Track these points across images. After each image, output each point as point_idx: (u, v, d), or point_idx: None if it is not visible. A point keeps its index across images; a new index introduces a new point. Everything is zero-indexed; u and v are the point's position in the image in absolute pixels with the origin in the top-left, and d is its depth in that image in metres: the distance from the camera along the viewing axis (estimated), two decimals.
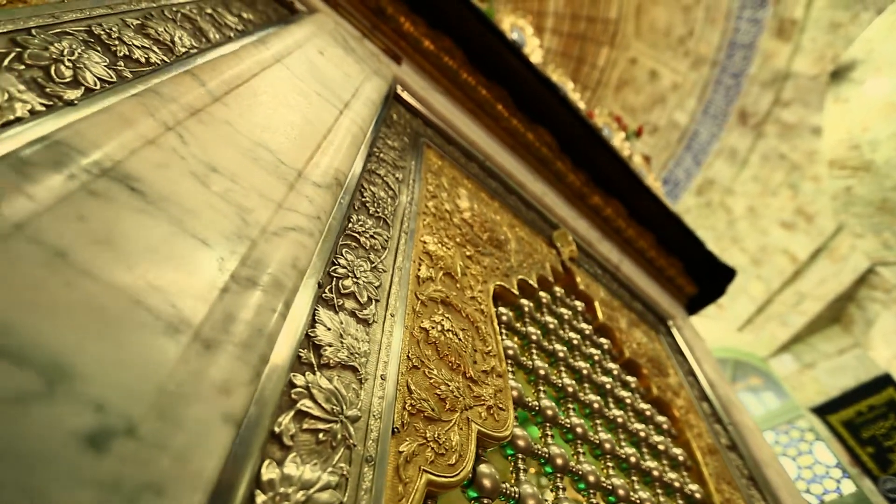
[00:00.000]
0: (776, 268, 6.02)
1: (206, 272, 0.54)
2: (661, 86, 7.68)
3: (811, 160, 5.51)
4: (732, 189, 6.58)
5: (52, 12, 0.74)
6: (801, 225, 5.70)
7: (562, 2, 8.35)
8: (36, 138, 0.52)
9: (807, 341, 5.78)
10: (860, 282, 5.11)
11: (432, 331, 0.93)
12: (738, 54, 6.29)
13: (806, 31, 5.33)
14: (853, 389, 5.11)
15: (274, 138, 0.80)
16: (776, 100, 5.84)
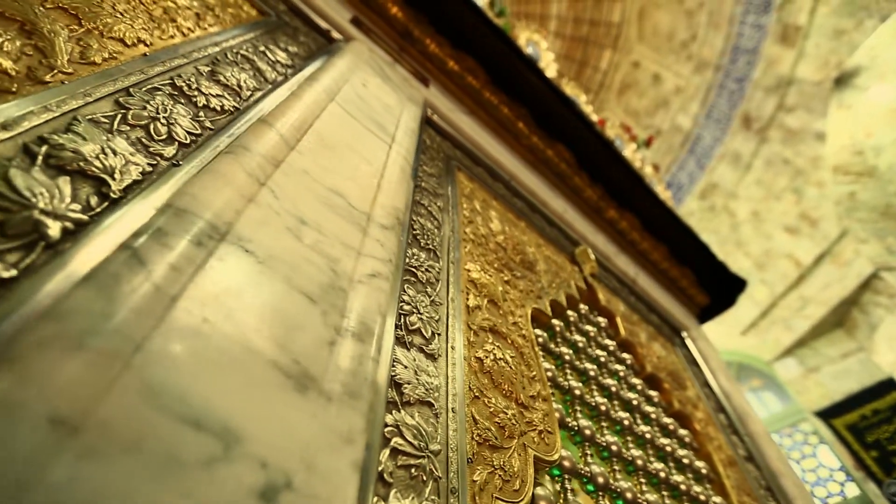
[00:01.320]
0: (780, 272, 6.11)
1: (316, 328, 0.59)
2: (664, 89, 7.77)
3: (815, 165, 5.60)
4: (736, 193, 6.67)
5: (141, 68, 0.79)
6: (805, 230, 5.79)
7: (565, 5, 8.42)
8: (162, 204, 0.58)
9: (811, 345, 5.87)
10: (864, 286, 5.21)
11: (486, 360, 0.99)
12: (742, 59, 6.38)
13: (810, 37, 5.42)
14: (857, 393, 5.21)
15: (343, 183, 0.86)
16: (780, 105, 5.93)
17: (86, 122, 0.63)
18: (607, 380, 1.52)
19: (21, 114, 0.57)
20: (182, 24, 0.98)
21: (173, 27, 0.95)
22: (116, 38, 0.80)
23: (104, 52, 0.76)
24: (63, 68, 0.68)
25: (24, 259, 0.47)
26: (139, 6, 0.91)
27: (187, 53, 0.91)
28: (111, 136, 0.64)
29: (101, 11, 0.81)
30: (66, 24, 0.74)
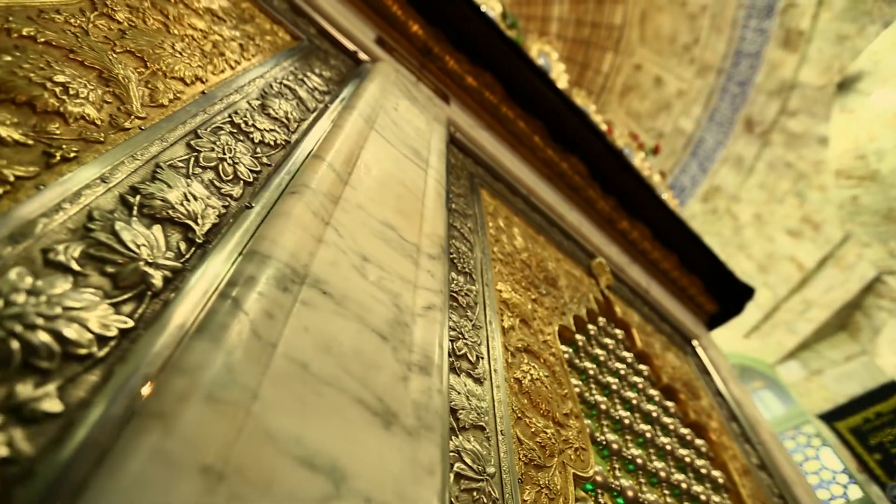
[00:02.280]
0: (783, 275, 6.19)
1: (390, 365, 0.64)
2: (667, 92, 7.84)
3: (818, 169, 5.67)
4: (738, 196, 6.74)
5: (203, 107, 0.83)
6: (808, 233, 5.87)
7: (566, 7, 8.48)
8: (247, 250, 0.62)
9: (814, 348, 5.95)
10: (867, 290, 5.28)
11: (524, 380, 1.04)
12: (744, 63, 6.45)
13: (812, 41, 5.49)
14: (860, 396, 5.28)
15: (393, 216, 0.90)
16: (783, 109, 6.00)
17: (167, 168, 0.67)
18: (628, 393, 1.57)
19: (114, 164, 0.62)
20: (230, 56, 1.02)
21: (223, 61, 0.99)
22: (177, 78, 0.85)
23: (169, 93, 0.81)
24: (138, 113, 0.73)
25: (137, 309, 0.51)
26: (192, 43, 0.95)
27: (239, 88, 0.95)
28: (189, 180, 0.69)
29: (163, 52, 0.86)
30: (134, 68, 0.79)
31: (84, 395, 0.42)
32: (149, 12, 0.92)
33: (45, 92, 0.62)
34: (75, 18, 0.76)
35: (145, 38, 0.84)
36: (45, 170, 0.56)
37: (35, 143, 0.57)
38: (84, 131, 0.63)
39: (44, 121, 0.60)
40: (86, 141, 0.62)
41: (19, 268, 0.46)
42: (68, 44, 0.71)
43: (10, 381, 0.39)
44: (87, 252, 0.51)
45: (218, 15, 1.10)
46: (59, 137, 0.60)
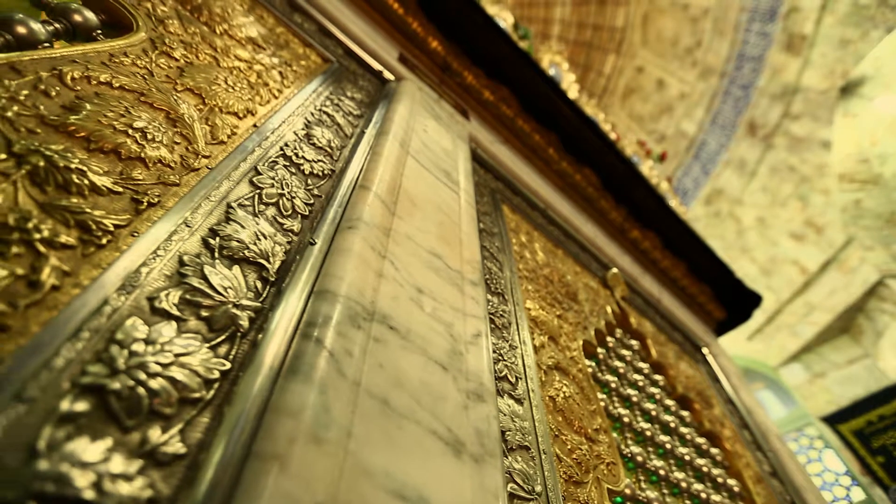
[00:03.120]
0: (786, 278, 6.25)
1: (453, 395, 0.68)
2: (669, 95, 7.90)
3: (821, 173, 5.74)
4: (741, 199, 6.80)
5: (258, 141, 0.87)
6: (811, 236, 5.94)
7: (568, 10, 8.53)
8: (319, 289, 0.66)
9: (816, 351, 6.02)
10: (870, 293, 5.36)
11: (558, 398, 1.08)
12: (747, 66, 6.51)
13: (815, 46, 5.55)
14: (863, 399, 5.35)
15: (437, 243, 0.95)
16: (785, 112, 6.07)
17: (237, 207, 0.71)
18: (647, 404, 1.62)
19: (194, 208, 0.66)
20: (272, 85, 1.06)
21: (267, 91, 1.03)
22: (232, 113, 0.89)
23: (226, 129, 0.85)
24: (203, 152, 0.77)
25: (231, 351, 0.55)
26: (240, 75, 1.00)
27: (286, 119, 0.99)
28: (257, 218, 0.73)
29: (218, 88, 0.90)
30: (195, 105, 0.83)
31: (201, 436, 0.47)
32: (200, 46, 0.96)
33: (127, 139, 0.66)
34: (140, 59, 0.80)
35: (201, 75, 0.89)
36: (135, 216, 0.60)
37: (124, 190, 0.61)
38: (162, 174, 0.67)
39: (128, 167, 0.64)
40: (165, 184, 0.66)
41: (133, 318, 0.50)
42: (139, 87, 0.75)
43: (143, 427, 0.44)
44: (185, 297, 0.55)
45: (258, 43, 1.14)
46: (142, 183, 0.64)
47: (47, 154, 0.56)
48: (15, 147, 0.54)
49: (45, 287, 0.47)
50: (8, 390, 0.39)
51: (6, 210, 0.49)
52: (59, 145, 0.59)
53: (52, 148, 0.57)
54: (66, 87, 0.66)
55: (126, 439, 0.42)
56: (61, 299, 0.47)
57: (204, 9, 1.05)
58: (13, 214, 0.49)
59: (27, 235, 0.49)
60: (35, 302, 0.45)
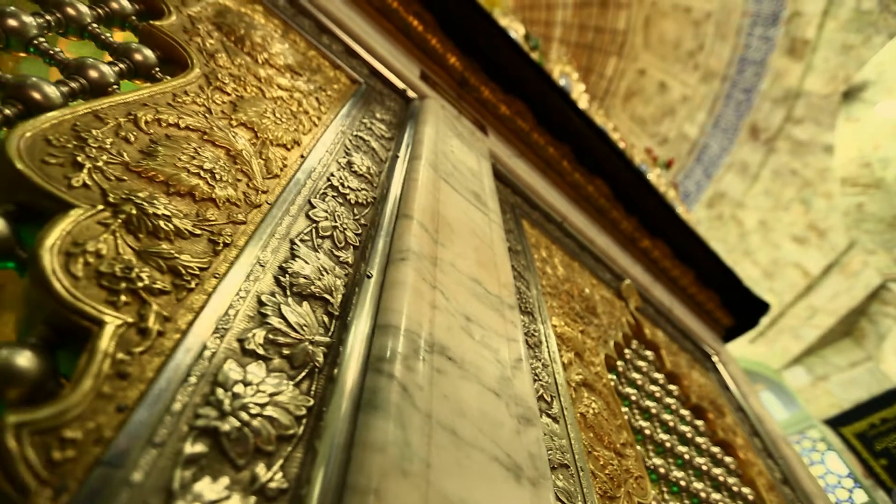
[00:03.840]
0: (788, 281, 6.33)
1: (507, 421, 0.73)
2: (671, 98, 7.97)
3: (823, 177, 5.81)
4: (744, 203, 6.88)
5: (308, 173, 0.92)
6: (814, 240, 6.01)
7: (570, 12, 8.59)
8: (383, 323, 0.71)
9: (819, 354, 6.10)
10: (872, 297, 5.43)
11: (588, 414, 1.13)
12: (749, 70, 6.58)
13: (818, 51, 5.63)
14: (866, 402, 5.43)
15: (477, 269, 0.99)
16: (788, 117, 6.14)
17: (300, 243, 0.76)
18: (665, 415, 1.67)
19: (263, 246, 0.70)
20: (312, 113, 1.11)
21: (307, 119, 1.08)
22: (281, 145, 0.93)
23: (278, 162, 0.89)
24: (262, 187, 0.81)
25: (311, 387, 0.60)
26: (283, 104, 1.04)
27: (328, 148, 1.03)
28: (317, 253, 0.77)
29: (267, 121, 0.94)
30: (249, 140, 0.87)
31: (298, 471, 0.51)
32: (247, 78, 1.00)
33: (199, 181, 0.70)
34: (199, 97, 0.85)
35: (252, 109, 0.93)
36: (214, 257, 0.64)
37: (202, 232, 0.65)
38: (231, 213, 0.71)
39: (202, 208, 0.68)
40: (234, 223, 0.71)
41: (229, 360, 0.54)
42: (201, 125, 0.79)
43: (251, 465, 0.48)
44: (268, 337, 0.59)
45: (295, 70, 1.18)
46: (215, 223, 0.68)
47: (137, 202, 0.60)
48: (110, 197, 0.59)
49: (153, 334, 0.51)
50: (143, 436, 0.43)
51: (111, 260, 0.53)
52: (144, 192, 0.63)
53: (139, 195, 0.61)
54: (142, 131, 0.70)
55: (239, 477, 0.46)
56: (167, 345, 0.51)
57: (246, 39, 1.09)
58: (118, 264, 0.53)
59: (132, 284, 0.53)
60: (147, 349, 0.50)
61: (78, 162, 0.59)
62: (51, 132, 0.60)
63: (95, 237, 0.54)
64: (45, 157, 0.57)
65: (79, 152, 0.60)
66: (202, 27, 1.01)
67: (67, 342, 0.49)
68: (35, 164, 0.55)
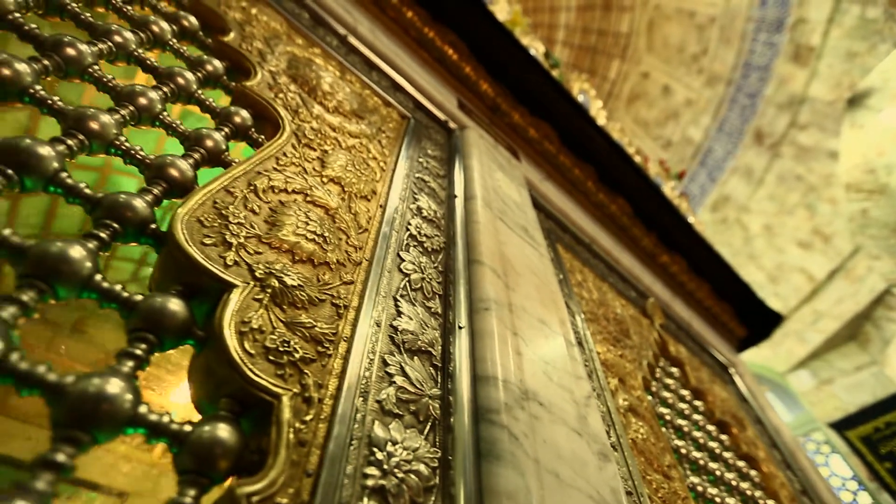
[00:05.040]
0: (793, 286, 6.46)
1: (590, 458, 0.81)
2: (675, 101, 8.08)
3: (828, 183, 5.94)
4: (748, 207, 7.01)
5: (390, 222, 1.00)
6: (818, 245, 6.14)
7: (573, 15, 8.69)
8: (477, 374, 0.79)
9: (824, 358, 6.24)
10: (877, 302, 5.57)
11: (637, 440, 1.22)
12: (754, 75, 6.71)
13: (823, 57, 5.75)
14: (871, 406, 5.57)
15: (541, 309, 1.08)
16: (792, 122, 6.27)
17: (401, 299, 0.84)
18: (696, 432, 1.76)
19: (374, 306, 0.78)
20: (379, 158, 1.19)
21: (376, 164, 1.16)
22: (363, 197, 1.01)
23: (364, 214, 0.97)
24: (356, 243, 0.89)
25: (436, 438, 0.68)
26: (356, 153, 1.12)
27: (400, 195, 1.11)
28: (415, 307, 0.85)
29: (349, 174, 1.02)
30: (339, 195, 0.95)
31: None
32: (324, 129, 1.08)
33: (315, 246, 0.78)
34: (295, 156, 0.93)
35: (337, 163, 1.01)
36: (339, 321, 0.72)
37: (325, 297, 0.73)
38: (341, 274, 0.80)
39: (320, 273, 0.76)
40: (346, 283, 0.79)
41: (375, 421, 0.62)
42: (302, 186, 0.87)
43: None
44: (398, 396, 0.68)
45: (358, 113, 1.26)
46: (332, 286, 0.76)
47: (277, 275, 0.68)
48: (256, 272, 0.67)
49: (315, 401, 0.59)
50: (331, 498, 0.51)
51: (270, 334, 0.61)
52: (278, 263, 0.71)
53: (276, 268, 0.69)
54: (262, 200, 0.78)
55: None
56: (326, 410, 0.60)
57: (318, 88, 1.17)
58: (277, 338, 0.62)
59: (291, 357, 0.61)
60: (314, 416, 0.58)
61: (227, 240, 0.67)
62: (200, 213, 0.68)
63: (255, 313, 0.62)
64: (202, 238, 0.65)
65: (225, 230, 0.68)
66: (282, 81, 1.09)
67: (247, 412, 0.57)
68: (198, 247, 0.63)
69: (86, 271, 0.54)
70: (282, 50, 1.21)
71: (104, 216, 0.62)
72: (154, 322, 0.56)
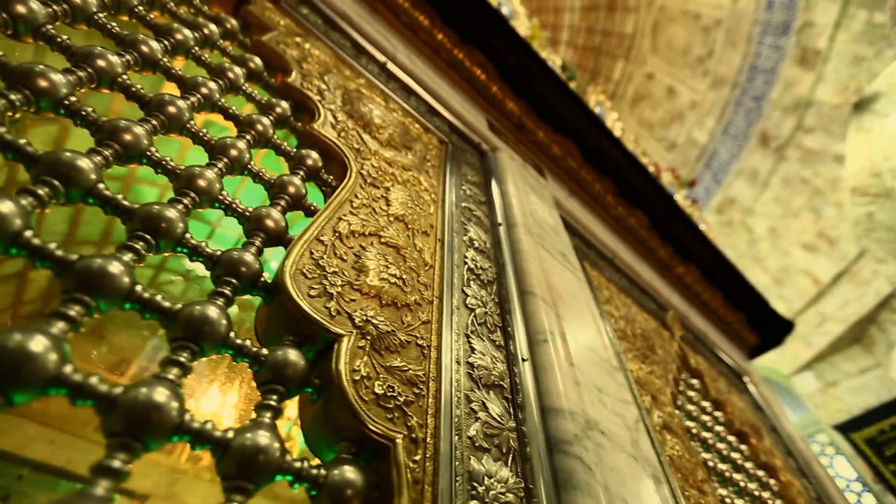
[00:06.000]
0: (798, 288, 6.57)
1: (647, 482, 0.89)
2: (680, 103, 8.17)
3: (834, 186, 6.04)
4: (753, 209, 7.11)
5: (448, 257, 1.07)
6: (824, 248, 6.25)
7: (577, 15, 8.76)
8: (544, 406, 0.86)
9: (829, 360, 6.35)
10: (882, 305, 5.68)
11: (674, 457, 1.30)
12: (760, 78, 6.80)
13: (829, 61, 5.84)
14: (875, 408, 5.69)
15: (588, 335, 1.15)
16: (798, 125, 6.36)
17: (472, 335, 0.91)
18: (719, 444, 1.84)
19: (450, 345, 0.85)
20: (430, 189, 1.25)
21: (429, 196, 1.23)
22: (423, 232, 1.08)
23: (426, 250, 1.04)
24: (425, 280, 0.96)
25: (518, 469, 0.75)
26: (412, 188, 1.18)
27: (456, 228, 1.18)
28: (483, 342, 0.93)
29: (409, 210, 1.09)
30: (404, 233, 1.02)
31: None
32: (381, 166, 1.15)
33: (397, 289, 0.85)
34: (364, 198, 0.99)
35: (398, 200, 1.08)
36: (424, 360, 0.79)
37: (410, 338, 0.81)
38: (418, 313, 0.87)
39: (403, 314, 0.84)
40: (424, 323, 0.86)
41: (470, 456, 0.70)
42: (376, 228, 0.94)
43: None
44: (483, 431, 0.75)
45: (406, 144, 1.33)
46: (413, 326, 0.83)
47: (373, 322, 0.75)
48: (356, 320, 0.74)
49: (420, 441, 0.66)
50: None
51: (376, 381, 0.69)
52: (370, 309, 0.78)
53: (369, 314, 0.76)
54: (345, 245, 0.85)
55: None
56: (430, 449, 0.67)
57: (371, 124, 1.23)
58: (380, 383, 0.69)
59: (396, 401, 0.68)
60: (421, 456, 0.65)
61: (328, 291, 0.74)
62: (302, 264, 0.74)
63: (361, 361, 0.69)
64: (309, 291, 0.72)
65: (324, 280, 0.75)
66: (340, 118, 1.16)
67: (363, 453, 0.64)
68: (307, 301, 0.70)
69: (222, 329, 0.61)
70: (335, 83, 1.27)
71: (224, 273, 0.68)
72: (280, 374, 0.63)
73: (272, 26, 1.25)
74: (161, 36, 0.95)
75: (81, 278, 0.53)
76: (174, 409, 0.49)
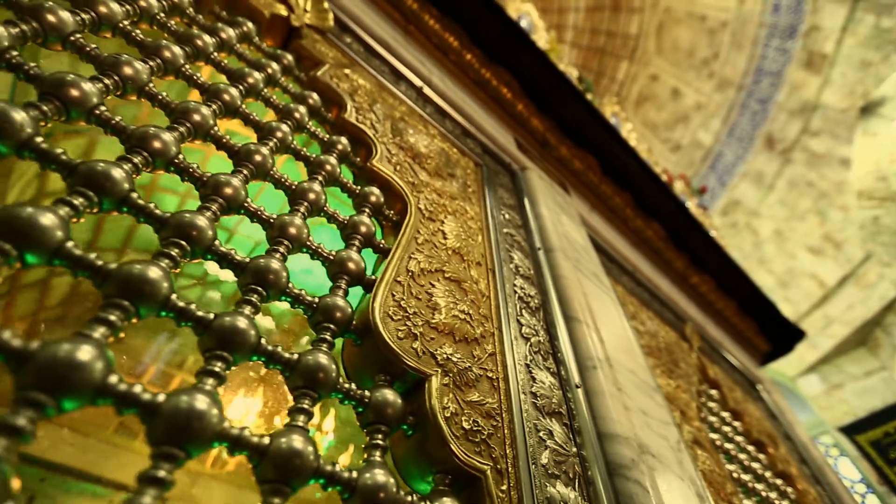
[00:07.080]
0: (803, 291, 6.68)
1: (695, 501, 0.97)
2: (684, 104, 8.26)
3: (840, 190, 6.15)
4: (759, 212, 7.21)
5: (500, 287, 1.14)
6: (829, 251, 6.36)
7: (582, 16, 8.82)
8: (600, 432, 0.94)
9: (834, 363, 6.47)
10: (887, 309, 5.79)
11: (705, 471, 1.38)
12: (765, 81, 6.89)
13: (836, 65, 5.94)
14: (880, 411, 5.81)
15: (628, 359, 1.23)
16: (804, 129, 6.46)
17: (531, 364, 0.99)
18: (741, 455, 1.93)
19: (515, 375, 0.93)
20: (474, 216, 1.33)
21: (474, 224, 1.30)
22: (476, 263, 1.16)
23: (481, 281, 1.11)
24: (484, 312, 1.03)
25: (583, 493, 0.83)
26: (461, 217, 1.26)
27: (504, 256, 1.26)
28: (540, 371, 1.00)
29: (462, 242, 1.16)
30: (461, 265, 1.09)
31: None
32: (431, 197, 1.22)
33: (465, 325, 0.93)
34: (425, 233, 1.07)
35: (452, 232, 1.15)
36: (495, 392, 0.87)
37: (481, 372, 0.88)
38: (485, 346, 0.94)
39: (471, 348, 0.91)
40: (490, 355, 0.93)
41: (548, 484, 0.77)
42: (440, 263, 1.02)
43: None
44: (553, 458, 0.83)
45: (450, 172, 1.40)
46: (482, 359, 0.91)
47: (453, 360, 0.83)
48: (438, 359, 0.81)
49: (504, 471, 0.74)
50: None
51: (461, 415, 0.76)
52: (448, 346, 0.85)
53: (447, 352, 0.84)
54: (418, 284, 0.92)
55: None
56: (513, 478, 0.74)
57: (419, 155, 1.31)
58: (466, 418, 0.76)
59: (481, 434, 0.76)
60: (507, 485, 0.73)
61: (412, 332, 0.81)
62: (387, 307, 0.82)
63: (447, 398, 0.76)
64: (397, 333, 0.79)
65: (408, 321, 0.82)
66: (394, 151, 1.23)
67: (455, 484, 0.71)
68: (397, 343, 0.77)
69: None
70: (382, 114, 1.34)
71: (323, 320, 0.76)
72: (381, 414, 0.70)
73: (323, 59, 1.31)
74: (235, 81, 1.02)
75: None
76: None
